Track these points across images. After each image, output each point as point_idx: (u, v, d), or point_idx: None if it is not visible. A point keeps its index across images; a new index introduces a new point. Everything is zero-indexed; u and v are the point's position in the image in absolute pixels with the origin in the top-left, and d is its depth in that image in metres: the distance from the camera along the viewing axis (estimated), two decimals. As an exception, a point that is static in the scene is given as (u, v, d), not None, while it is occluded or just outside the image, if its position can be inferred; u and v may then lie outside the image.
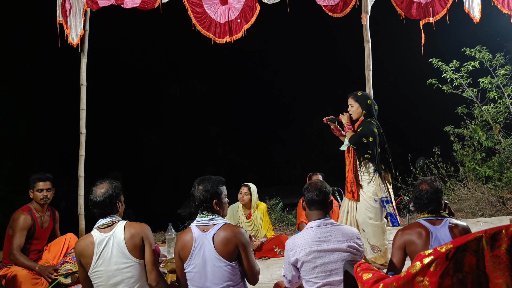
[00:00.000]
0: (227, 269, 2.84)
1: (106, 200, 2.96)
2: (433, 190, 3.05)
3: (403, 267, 3.05)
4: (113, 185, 3.04)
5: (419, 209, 3.12)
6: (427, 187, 3.07)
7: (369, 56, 6.14)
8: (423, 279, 1.84)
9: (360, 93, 4.75)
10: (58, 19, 6.04)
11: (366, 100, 4.68)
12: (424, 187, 3.08)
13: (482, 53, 9.37)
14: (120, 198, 3.10)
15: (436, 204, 3.05)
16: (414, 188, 3.18)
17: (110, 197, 2.98)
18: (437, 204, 3.06)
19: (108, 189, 2.99)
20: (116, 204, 3.03)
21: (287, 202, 9.92)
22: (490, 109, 9.15)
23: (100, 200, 2.95)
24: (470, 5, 6.45)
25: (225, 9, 6.32)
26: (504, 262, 1.82)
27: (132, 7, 6.19)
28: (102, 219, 2.98)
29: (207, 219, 2.93)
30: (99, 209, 2.97)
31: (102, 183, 3.05)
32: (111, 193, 2.99)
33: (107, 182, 3.06)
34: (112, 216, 2.99)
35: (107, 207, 2.97)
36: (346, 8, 6.39)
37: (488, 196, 8.08)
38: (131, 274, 2.89)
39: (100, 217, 3.00)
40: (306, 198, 3.06)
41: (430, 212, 3.07)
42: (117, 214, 3.05)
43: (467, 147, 9.26)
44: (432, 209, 3.06)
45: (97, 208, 2.97)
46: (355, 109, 4.71)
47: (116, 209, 3.04)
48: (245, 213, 5.98)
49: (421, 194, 3.07)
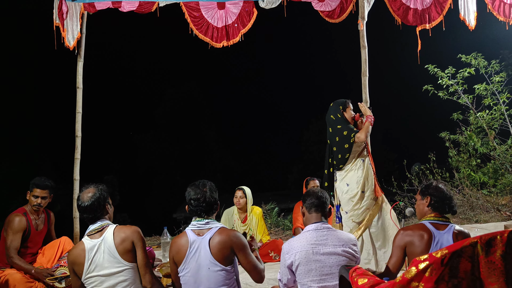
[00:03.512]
0: (222, 273, 2.83)
1: (95, 204, 2.94)
2: (449, 193, 3.09)
3: (401, 267, 3.02)
4: (99, 188, 3.03)
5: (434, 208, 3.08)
6: (445, 189, 3.10)
7: (365, 61, 6.15)
8: (418, 284, 1.84)
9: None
10: (55, 22, 6.02)
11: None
12: (443, 188, 3.10)
13: (478, 60, 9.43)
14: (108, 200, 3.08)
15: (451, 205, 3.07)
16: (432, 188, 3.14)
17: (98, 200, 2.96)
18: (452, 206, 3.08)
19: (95, 193, 2.97)
20: (104, 207, 3.02)
21: (283, 207, 9.90)
22: (486, 115, 9.20)
23: (88, 204, 2.93)
24: (466, 12, 6.48)
25: (223, 13, 6.32)
26: (499, 268, 1.82)
27: (129, 10, 6.18)
28: (91, 225, 2.96)
29: (203, 222, 2.92)
30: (88, 214, 2.95)
31: (88, 187, 3.03)
32: (98, 196, 2.97)
33: (93, 186, 3.04)
34: (101, 221, 2.97)
35: (96, 211, 2.95)
36: (343, 14, 6.41)
37: (483, 202, 8.09)
38: (124, 278, 2.87)
39: (89, 222, 2.98)
40: (306, 202, 3.07)
41: (438, 215, 3.05)
42: (107, 217, 3.04)
43: (462, 153, 9.29)
44: (443, 211, 3.06)
45: (86, 212, 2.95)
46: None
47: (105, 211, 3.03)
48: (241, 217, 5.97)
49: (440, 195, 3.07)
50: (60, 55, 7.52)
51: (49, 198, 4.54)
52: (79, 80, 6.15)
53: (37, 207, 4.47)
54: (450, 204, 3.07)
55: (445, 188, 3.12)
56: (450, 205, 3.07)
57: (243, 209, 5.94)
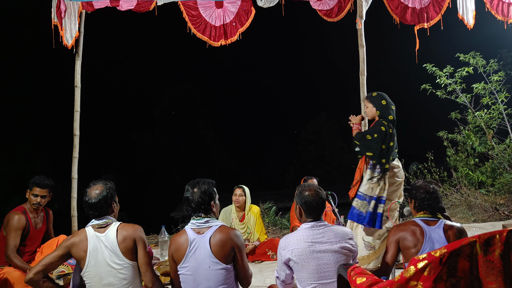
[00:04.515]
0: (222, 272, 2.83)
1: (101, 202, 2.95)
2: (432, 191, 3.16)
3: (395, 262, 3.16)
4: (107, 186, 3.03)
5: (418, 209, 3.20)
6: (427, 188, 3.17)
7: (363, 60, 6.14)
8: (417, 283, 1.84)
9: (375, 93, 4.80)
10: (53, 21, 6.01)
11: (380, 101, 4.71)
12: (424, 188, 3.18)
13: (476, 59, 9.43)
14: (115, 198, 3.09)
15: (433, 205, 3.14)
16: (414, 188, 3.25)
17: (105, 199, 2.97)
18: (434, 205, 3.14)
19: (103, 191, 2.98)
20: (111, 205, 3.02)
21: (280, 206, 9.89)
22: (484, 114, 9.21)
23: (95, 201, 2.93)
24: (464, 11, 6.48)
25: (220, 12, 6.31)
26: (498, 267, 1.83)
27: (127, 9, 6.17)
28: (96, 220, 2.97)
29: (203, 221, 2.92)
30: (94, 211, 2.96)
31: (96, 184, 3.03)
32: (105, 194, 2.98)
33: (101, 183, 3.04)
34: (106, 218, 2.98)
35: (102, 209, 2.96)
36: (341, 13, 6.40)
37: (481, 201, 8.10)
38: (124, 275, 2.88)
39: (94, 218, 2.98)
40: (305, 204, 3.01)
41: (426, 212, 3.15)
42: (112, 215, 3.05)
43: (461, 153, 9.29)
44: (429, 210, 3.14)
45: (92, 209, 2.95)
46: (369, 110, 4.79)
47: (111, 210, 3.04)
48: (238, 215, 5.97)
49: (421, 195, 3.17)
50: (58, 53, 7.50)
51: (48, 197, 4.55)
52: (77, 79, 6.13)
53: (37, 205, 4.47)
54: (432, 204, 3.14)
55: (427, 188, 3.18)
56: (431, 205, 3.14)
57: (241, 207, 5.94)
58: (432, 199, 3.14)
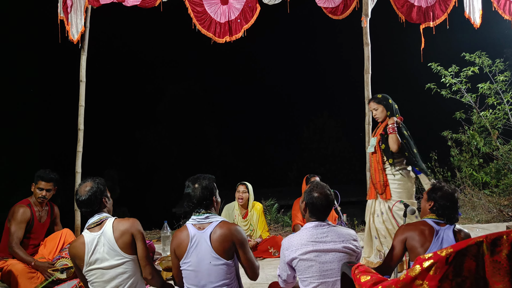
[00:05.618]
0: (223, 267, 2.83)
1: (92, 197, 2.96)
2: (455, 201, 3.10)
3: (399, 262, 3.11)
4: (96, 181, 3.04)
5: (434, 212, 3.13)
6: (450, 197, 3.10)
7: (368, 59, 6.13)
8: (422, 282, 1.83)
9: (380, 95, 4.92)
10: (59, 15, 6.03)
11: (387, 100, 4.85)
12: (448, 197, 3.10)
13: (482, 59, 9.39)
14: (106, 193, 3.09)
15: (452, 215, 3.09)
16: (437, 192, 3.16)
17: (95, 194, 2.97)
18: (453, 217, 3.10)
19: (92, 186, 2.99)
20: (102, 200, 3.03)
21: (282, 203, 9.88)
22: (489, 115, 9.16)
23: (86, 198, 2.95)
24: (471, 10, 6.45)
25: (226, 9, 6.31)
26: (505, 268, 1.82)
27: (133, 5, 6.18)
28: (90, 218, 2.99)
29: (203, 217, 2.92)
30: (86, 207, 2.97)
31: (85, 182, 3.05)
32: (95, 189, 2.99)
33: (90, 180, 3.06)
34: (100, 214, 3.00)
35: (93, 204, 2.97)
36: (347, 11, 6.39)
37: (484, 202, 8.08)
38: (124, 270, 2.90)
39: (88, 216, 3.00)
40: (311, 205, 2.98)
41: (440, 218, 3.10)
42: (105, 210, 3.06)
43: (465, 153, 9.27)
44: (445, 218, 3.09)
45: (84, 206, 2.97)
46: (380, 111, 4.85)
47: (103, 205, 3.05)
48: (241, 212, 5.96)
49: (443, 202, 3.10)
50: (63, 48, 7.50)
51: (53, 190, 4.58)
52: (82, 74, 6.15)
53: (42, 199, 4.50)
54: (450, 215, 3.09)
55: (451, 198, 3.10)
56: (450, 216, 3.09)
57: (244, 204, 5.94)
58: (453, 209, 3.08)
